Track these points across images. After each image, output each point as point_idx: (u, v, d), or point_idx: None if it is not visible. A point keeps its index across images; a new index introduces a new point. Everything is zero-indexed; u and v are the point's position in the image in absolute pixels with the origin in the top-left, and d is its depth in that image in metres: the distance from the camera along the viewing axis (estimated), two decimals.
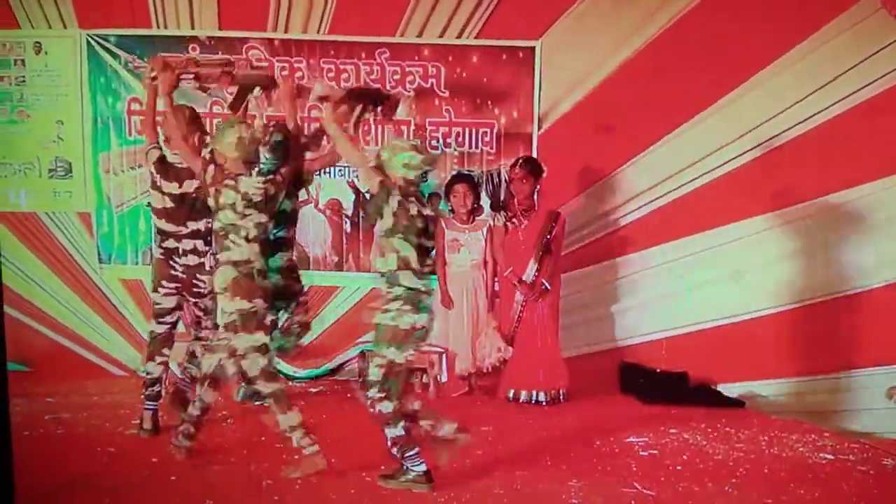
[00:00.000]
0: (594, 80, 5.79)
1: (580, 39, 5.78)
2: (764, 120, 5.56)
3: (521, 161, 5.47)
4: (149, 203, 4.70)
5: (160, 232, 4.60)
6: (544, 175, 5.49)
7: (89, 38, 5.95)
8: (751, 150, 5.64)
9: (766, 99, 5.53)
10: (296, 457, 4.14)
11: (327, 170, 5.95)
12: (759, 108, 5.57)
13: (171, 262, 4.55)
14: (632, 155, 5.63)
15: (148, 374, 4.71)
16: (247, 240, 4.01)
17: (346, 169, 6.02)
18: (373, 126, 5.86)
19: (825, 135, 5.51)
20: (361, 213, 6.07)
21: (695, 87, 5.61)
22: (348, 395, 5.57)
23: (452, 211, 5.63)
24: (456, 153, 6.00)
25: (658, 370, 5.17)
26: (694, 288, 5.28)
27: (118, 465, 4.25)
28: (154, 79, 4.49)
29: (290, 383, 5.82)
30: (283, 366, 5.83)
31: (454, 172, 5.80)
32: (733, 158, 5.70)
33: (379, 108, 4.63)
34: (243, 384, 4.89)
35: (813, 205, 5.55)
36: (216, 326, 4.46)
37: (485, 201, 5.83)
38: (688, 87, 5.61)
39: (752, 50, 5.57)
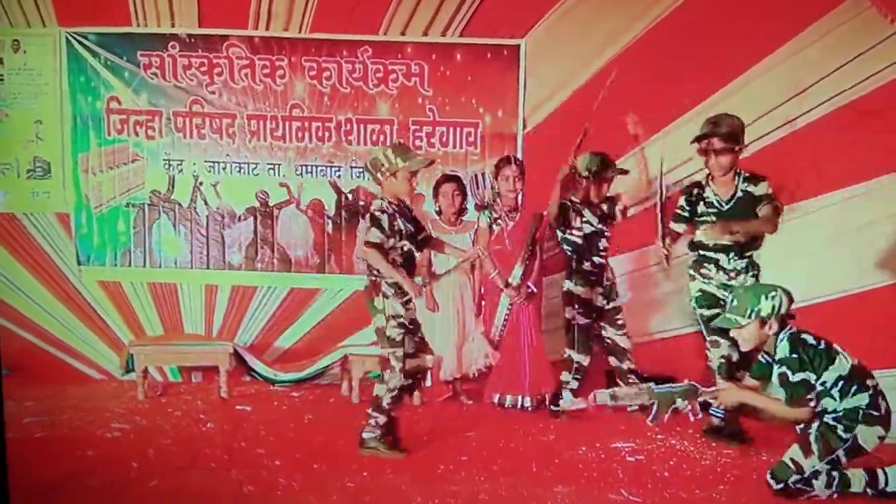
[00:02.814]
0: (580, 79, 5.70)
1: (566, 37, 5.71)
2: (750, 121, 5.25)
3: (514, 159, 5.38)
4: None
5: None
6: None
7: (69, 37, 5.87)
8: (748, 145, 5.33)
9: (754, 100, 5.44)
10: None
11: (309, 170, 5.92)
12: (746, 110, 5.27)
13: None
14: (617, 156, 5.46)
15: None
16: None
17: (328, 169, 5.93)
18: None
19: (810, 137, 5.42)
20: (344, 214, 5.97)
21: (682, 87, 5.55)
22: (331, 399, 5.53)
23: (439, 212, 5.55)
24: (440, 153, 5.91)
25: (644, 375, 5.07)
26: (684, 290, 5.12)
27: (99, 469, 4.21)
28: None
29: (272, 387, 5.76)
30: (263, 369, 5.83)
31: (441, 172, 5.63)
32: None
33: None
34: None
35: (801, 206, 5.42)
36: None
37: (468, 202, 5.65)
38: (674, 87, 5.54)
39: (739, 50, 5.48)
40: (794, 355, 3.98)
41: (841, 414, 3.93)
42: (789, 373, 3.99)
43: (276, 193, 6.04)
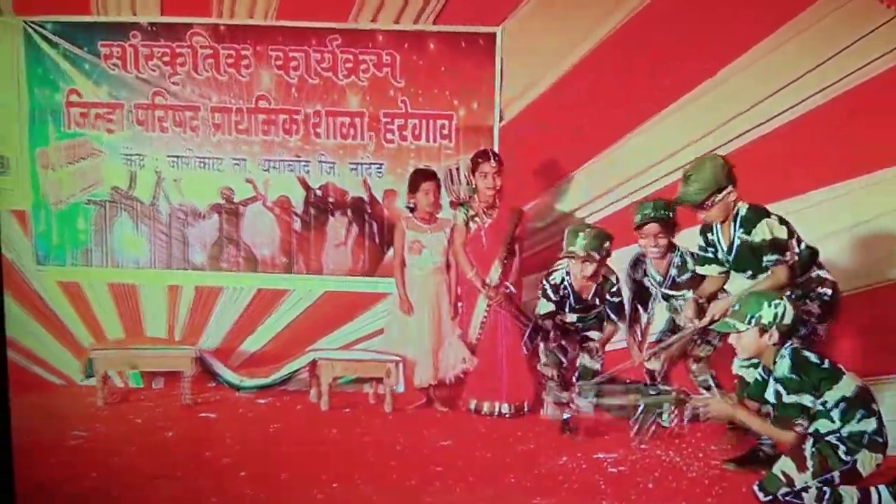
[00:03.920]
0: (560, 70, 5.52)
1: (545, 25, 5.52)
2: (739, 112, 5.30)
3: (492, 154, 5.25)
4: None
5: None
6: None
7: (26, 26, 5.69)
8: (726, 143, 5.32)
9: (743, 88, 5.30)
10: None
11: (276, 165, 5.78)
12: (736, 99, 5.33)
13: None
14: (600, 148, 5.38)
15: None
16: None
17: (296, 164, 5.78)
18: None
19: (799, 130, 5.27)
20: (312, 211, 5.82)
21: (666, 77, 5.37)
22: (298, 406, 5.40)
23: (412, 209, 5.39)
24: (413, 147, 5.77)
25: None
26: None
27: (57, 478, 4.06)
28: None
29: (238, 393, 5.62)
30: (228, 375, 5.68)
31: (415, 168, 5.50)
32: (723, 145, 5.30)
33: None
34: None
35: (791, 203, 5.17)
36: None
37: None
38: (659, 77, 5.37)
39: (725, 39, 5.32)
40: (793, 375, 3.84)
41: (845, 436, 3.76)
42: (784, 392, 3.86)
43: (241, 190, 5.91)
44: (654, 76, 5.41)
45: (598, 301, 5.00)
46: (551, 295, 5.02)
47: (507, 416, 5.18)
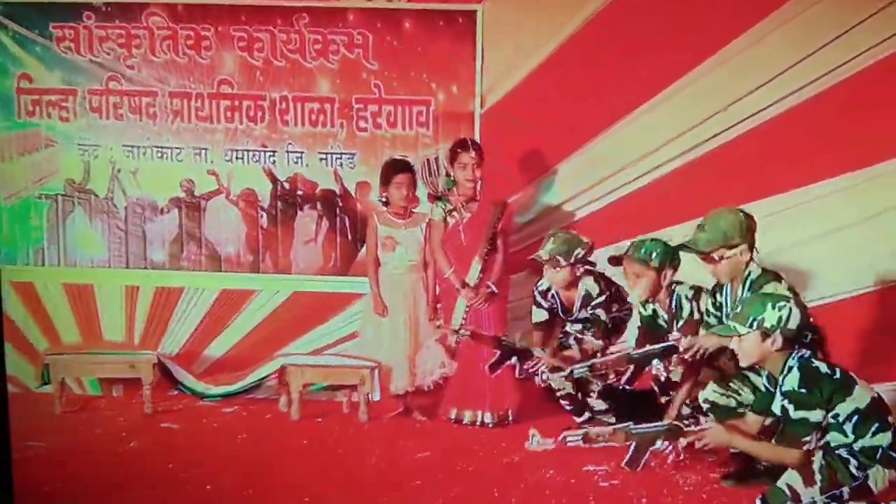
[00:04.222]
0: (546, 50, 5.30)
1: (530, 1, 5.29)
2: (735, 99, 5.12)
3: (471, 143, 5.01)
4: None
5: None
6: None
7: None
8: (723, 132, 5.16)
9: (737, 75, 5.11)
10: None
11: (240, 155, 5.57)
12: (730, 87, 5.14)
13: None
14: (589, 137, 5.18)
15: None
16: None
17: (262, 154, 5.56)
18: None
19: (785, 125, 5.10)
20: (280, 205, 5.62)
21: (658, 59, 5.16)
22: (267, 415, 5.19)
23: (386, 203, 5.13)
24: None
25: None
26: None
27: (12, 491, 3.74)
28: None
29: (202, 401, 5.43)
30: (191, 382, 5.49)
31: (389, 158, 5.24)
32: (706, 141, 5.20)
33: None
34: None
35: (793, 195, 5.11)
36: None
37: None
38: (650, 60, 5.17)
39: (721, 22, 5.12)
40: (803, 389, 3.60)
41: (858, 450, 3.55)
42: (791, 408, 3.62)
43: (202, 182, 5.72)
44: (646, 60, 5.18)
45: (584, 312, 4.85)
46: (541, 301, 4.89)
47: (489, 425, 4.95)
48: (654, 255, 4.41)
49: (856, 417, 3.56)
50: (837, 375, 3.63)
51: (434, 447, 4.66)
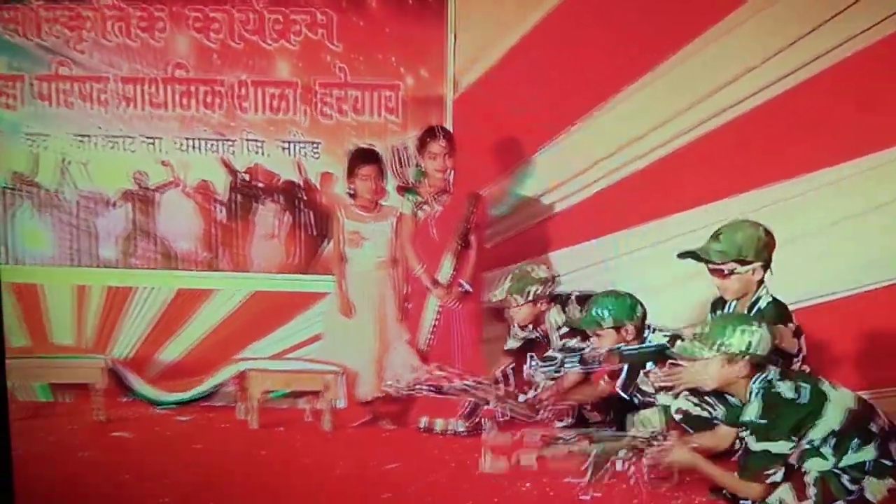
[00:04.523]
0: (521, 32, 5.10)
1: None
2: (723, 84, 4.94)
3: (441, 130, 4.82)
4: None
5: None
6: None
7: None
8: (710, 119, 4.96)
9: (723, 60, 4.94)
10: None
11: (196, 145, 5.37)
12: (716, 72, 4.96)
13: None
14: (568, 124, 4.99)
15: None
16: None
17: (219, 143, 5.34)
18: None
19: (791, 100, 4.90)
20: (238, 198, 5.41)
21: (640, 41, 4.98)
22: (224, 424, 4.97)
23: (352, 195, 4.94)
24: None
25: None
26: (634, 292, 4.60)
27: None
28: None
29: (155, 409, 5.19)
30: (144, 388, 5.25)
31: (355, 148, 5.04)
32: (692, 129, 4.99)
33: None
34: None
35: (792, 184, 4.92)
36: None
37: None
38: (633, 40, 4.98)
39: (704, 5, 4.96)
40: (763, 420, 3.40)
41: (844, 468, 3.36)
42: (752, 439, 3.42)
43: (155, 173, 5.51)
44: (629, 41, 5.00)
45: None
46: (518, 332, 4.81)
47: (463, 434, 4.72)
48: (605, 314, 4.27)
49: (833, 440, 3.38)
50: (805, 399, 3.42)
51: (404, 458, 4.49)
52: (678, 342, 3.88)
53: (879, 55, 4.86)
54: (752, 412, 3.45)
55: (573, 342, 4.64)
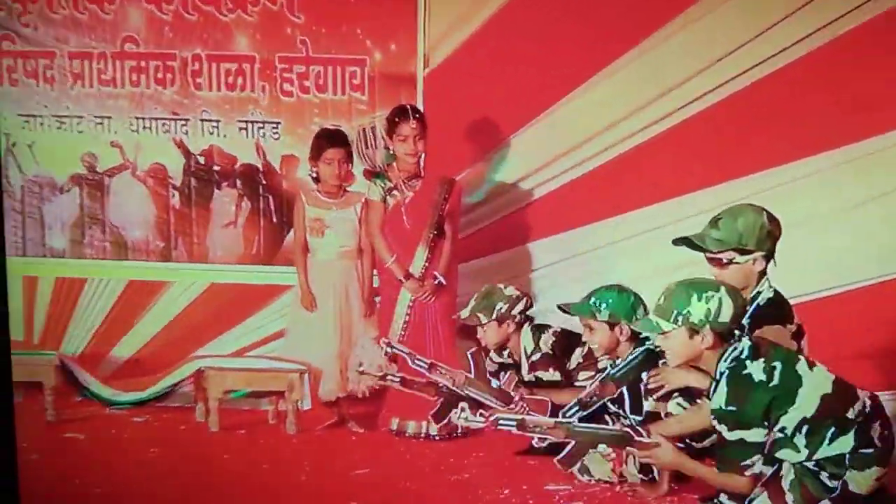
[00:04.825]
0: (497, 2, 4.81)
1: None
2: (706, 66, 4.67)
3: (412, 111, 4.54)
4: None
5: None
6: None
7: None
8: (693, 101, 4.68)
9: (699, 45, 4.68)
10: None
11: (148, 125, 5.16)
12: (703, 51, 4.69)
13: None
14: (549, 104, 4.74)
15: None
16: None
17: (172, 122, 5.13)
18: None
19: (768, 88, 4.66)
20: (193, 183, 5.21)
21: (627, 13, 4.69)
22: (182, 426, 4.77)
23: (316, 180, 4.68)
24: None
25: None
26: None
27: None
28: None
29: (108, 410, 4.96)
30: (96, 387, 4.99)
31: (319, 129, 4.78)
32: (681, 108, 4.70)
33: None
34: None
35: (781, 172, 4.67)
36: None
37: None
38: (619, 13, 4.69)
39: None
40: (733, 407, 3.15)
41: (820, 460, 3.16)
42: (724, 429, 3.18)
43: (106, 156, 5.29)
44: (615, 13, 4.72)
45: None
46: (493, 357, 4.53)
47: (436, 438, 4.51)
48: (603, 306, 3.97)
49: (805, 427, 3.14)
50: (775, 381, 3.18)
51: (373, 463, 4.33)
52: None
53: (854, 44, 4.57)
54: (719, 399, 3.22)
55: (548, 374, 4.30)
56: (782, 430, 3.18)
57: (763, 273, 3.61)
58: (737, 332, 3.38)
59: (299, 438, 4.71)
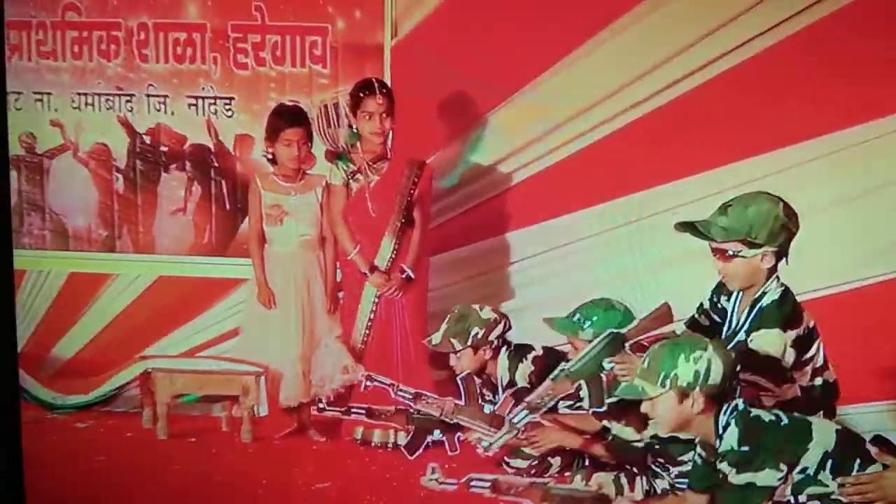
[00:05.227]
0: None
1: None
2: (707, 33, 4.33)
3: (377, 85, 4.21)
4: None
5: None
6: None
7: None
8: (683, 79, 4.36)
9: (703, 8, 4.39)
10: None
11: (90, 101, 4.86)
12: (696, 19, 4.36)
13: None
14: (529, 77, 4.42)
15: None
16: None
17: (116, 98, 4.82)
18: None
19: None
20: (139, 165, 4.89)
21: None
22: (128, 433, 4.53)
23: (273, 161, 4.33)
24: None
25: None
26: (605, 282, 4.19)
27: None
28: None
29: (50, 414, 4.67)
30: (37, 390, 4.69)
31: (276, 105, 4.46)
32: (677, 83, 4.37)
33: None
34: None
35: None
36: None
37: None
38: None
39: None
40: (746, 447, 2.88)
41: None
42: (733, 472, 2.90)
43: (45, 136, 5.05)
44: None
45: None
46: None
47: (404, 448, 4.14)
48: (587, 323, 3.69)
49: (829, 462, 2.88)
50: (784, 421, 2.95)
51: (336, 475, 4.09)
52: (621, 384, 3.27)
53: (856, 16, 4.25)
54: (731, 440, 2.94)
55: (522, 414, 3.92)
56: (803, 470, 2.92)
57: (773, 271, 3.28)
58: (732, 388, 3.06)
59: (255, 448, 4.45)
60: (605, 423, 3.64)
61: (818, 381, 3.41)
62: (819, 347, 3.39)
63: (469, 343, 4.19)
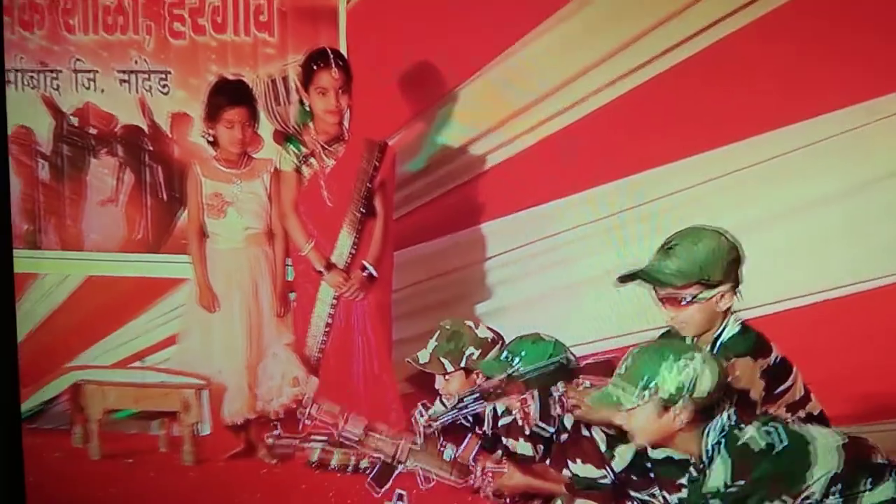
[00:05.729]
0: None
1: None
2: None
3: (332, 56, 3.83)
4: None
5: None
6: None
7: None
8: (685, 42, 3.87)
9: None
10: None
11: (11, 79, 4.40)
12: None
13: None
14: (506, 45, 3.95)
15: None
16: None
17: (40, 75, 4.37)
18: None
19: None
20: (65, 150, 4.48)
21: None
22: (56, 453, 4.16)
23: (214, 144, 3.93)
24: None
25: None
26: (590, 281, 3.85)
27: None
28: None
29: None
30: None
31: (217, 79, 4.05)
32: (648, 63, 3.93)
33: None
34: None
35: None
36: None
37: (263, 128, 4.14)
38: None
39: None
40: (741, 482, 2.56)
41: None
42: None
43: None
44: None
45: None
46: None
47: (366, 471, 3.72)
48: (516, 360, 3.38)
49: (839, 483, 2.58)
50: (778, 448, 2.61)
51: (288, 501, 3.83)
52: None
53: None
54: (720, 477, 2.61)
55: (520, 444, 3.53)
56: (809, 496, 2.60)
57: (728, 311, 2.96)
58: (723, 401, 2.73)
59: (198, 471, 4.12)
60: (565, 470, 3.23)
61: (801, 414, 3.05)
62: (795, 379, 3.02)
63: (463, 365, 3.71)
